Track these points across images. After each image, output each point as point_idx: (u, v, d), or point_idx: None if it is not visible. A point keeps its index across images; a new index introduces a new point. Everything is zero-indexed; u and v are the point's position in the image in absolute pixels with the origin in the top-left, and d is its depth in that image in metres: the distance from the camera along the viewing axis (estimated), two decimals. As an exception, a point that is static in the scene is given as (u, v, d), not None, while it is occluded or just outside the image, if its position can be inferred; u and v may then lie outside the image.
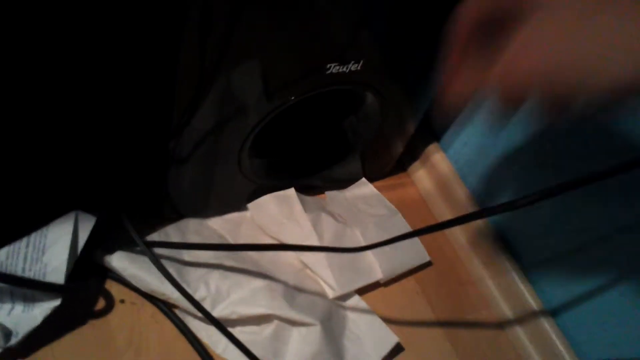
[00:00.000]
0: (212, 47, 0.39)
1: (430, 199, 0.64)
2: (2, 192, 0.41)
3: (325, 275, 0.50)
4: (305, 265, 0.52)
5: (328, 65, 0.44)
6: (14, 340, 0.40)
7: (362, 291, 0.53)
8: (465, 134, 0.61)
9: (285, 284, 0.48)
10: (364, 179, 0.62)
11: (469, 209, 0.59)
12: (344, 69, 0.45)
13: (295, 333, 0.46)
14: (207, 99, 0.42)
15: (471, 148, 0.60)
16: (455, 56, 0.32)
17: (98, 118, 0.41)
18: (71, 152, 0.42)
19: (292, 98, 0.45)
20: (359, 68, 0.46)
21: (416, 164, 0.65)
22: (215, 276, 0.46)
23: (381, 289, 0.54)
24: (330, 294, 0.51)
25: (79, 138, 0.41)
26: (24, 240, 0.43)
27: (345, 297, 0.51)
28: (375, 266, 0.53)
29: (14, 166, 0.40)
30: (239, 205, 0.54)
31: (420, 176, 0.65)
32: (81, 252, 0.44)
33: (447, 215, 0.62)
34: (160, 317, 0.46)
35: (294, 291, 0.48)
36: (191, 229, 0.50)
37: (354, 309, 0.51)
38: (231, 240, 0.52)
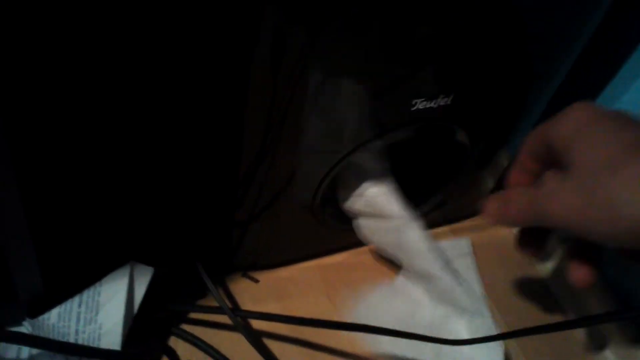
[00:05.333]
0: (283, 86, 0.34)
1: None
2: (53, 246, 0.37)
3: None
4: None
5: (414, 101, 0.38)
6: (65, 412, 0.37)
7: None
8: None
9: None
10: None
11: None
12: (432, 104, 0.39)
13: None
14: (276, 144, 0.37)
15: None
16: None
17: (161, 166, 0.37)
18: (131, 201, 0.38)
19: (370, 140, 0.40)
20: (448, 102, 0.40)
21: (508, 200, 0.58)
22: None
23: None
24: None
25: (140, 188, 0.37)
26: (76, 299, 0.39)
27: None
28: None
29: (66, 218, 0.37)
30: (315, 252, 0.49)
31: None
32: (139, 308, 0.40)
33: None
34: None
35: None
36: None
37: None
38: None
